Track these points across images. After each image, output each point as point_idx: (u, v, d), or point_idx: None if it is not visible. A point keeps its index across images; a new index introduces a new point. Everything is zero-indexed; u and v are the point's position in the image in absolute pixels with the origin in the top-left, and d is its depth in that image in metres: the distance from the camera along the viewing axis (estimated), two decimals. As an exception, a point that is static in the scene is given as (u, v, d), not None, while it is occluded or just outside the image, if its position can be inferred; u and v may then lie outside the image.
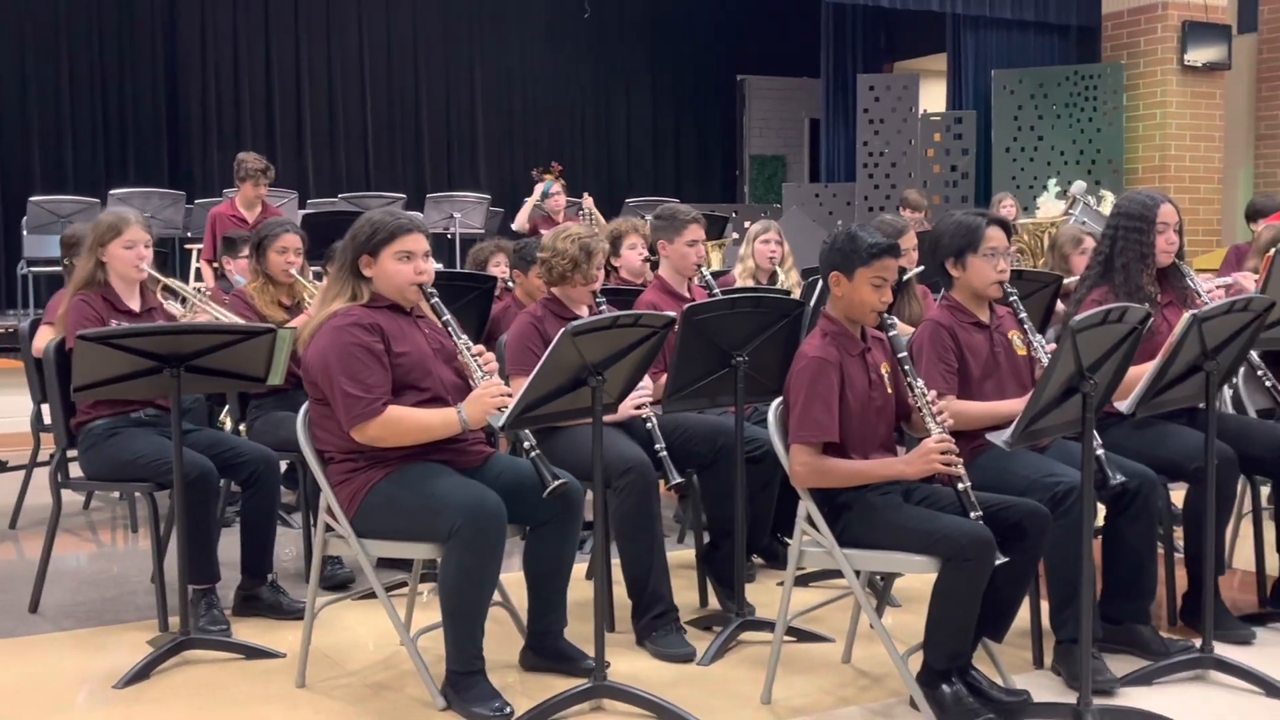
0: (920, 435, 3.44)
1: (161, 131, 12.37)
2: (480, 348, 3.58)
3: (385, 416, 3.37)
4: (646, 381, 4.01)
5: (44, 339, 4.52)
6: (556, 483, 3.40)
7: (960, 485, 3.27)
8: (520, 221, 9.65)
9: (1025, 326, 3.81)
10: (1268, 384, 4.18)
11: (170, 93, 12.46)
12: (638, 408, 4.06)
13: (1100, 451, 3.56)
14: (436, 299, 3.55)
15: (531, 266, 5.15)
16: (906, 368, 3.39)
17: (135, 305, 4.40)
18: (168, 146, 12.40)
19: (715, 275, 5.50)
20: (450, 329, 3.54)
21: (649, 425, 4.08)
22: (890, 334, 3.42)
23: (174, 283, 4.92)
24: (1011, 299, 3.78)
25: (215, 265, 7.27)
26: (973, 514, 3.24)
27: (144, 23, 12.25)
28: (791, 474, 3.41)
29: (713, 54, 15.03)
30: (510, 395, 3.35)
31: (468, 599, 3.37)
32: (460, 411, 3.41)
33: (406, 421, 3.41)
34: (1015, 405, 3.36)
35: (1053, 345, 3.31)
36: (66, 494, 4.41)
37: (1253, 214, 7.69)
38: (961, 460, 3.29)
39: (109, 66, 12.14)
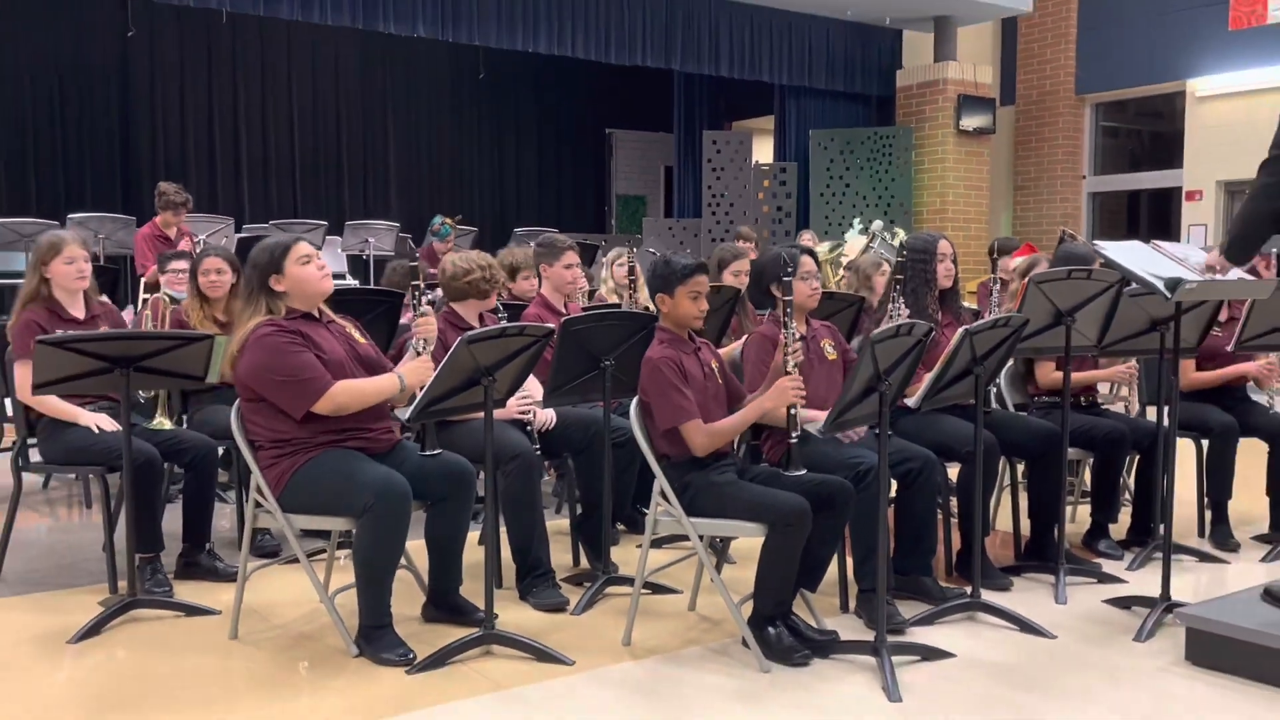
0: (777, 421, 3.47)
1: (115, 162, 11.89)
2: (426, 314, 3.54)
3: (336, 388, 3.29)
4: (532, 387, 3.98)
5: (23, 377, 3.94)
6: (431, 452, 3.46)
7: (794, 435, 3.34)
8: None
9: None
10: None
11: (124, 128, 11.98)
12: (523, 411, 4.04)
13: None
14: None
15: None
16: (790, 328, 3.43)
17: (80, 313, 4.19)
18: (121, 176, 11.92)
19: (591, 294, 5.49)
20: (416, 291, 3.55)
21: (529, 429, 4.06)
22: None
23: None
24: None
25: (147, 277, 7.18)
26: (794, 472, 3.30)
27: (100, 66, 11.74)
28: (693, 449, 3.35)
29: (586, 111, 15.02)
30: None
31: (378, 564, 3.29)
32: (401, 377, 3.39)
33: (358, 389, 3.35)
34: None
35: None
36: (27, 475, 4.18)
37: (993, 252, 7.94)
38: (805, 393, 3.34)
39: (69, 104, 11.61)
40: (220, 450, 4.31)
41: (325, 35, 12.24)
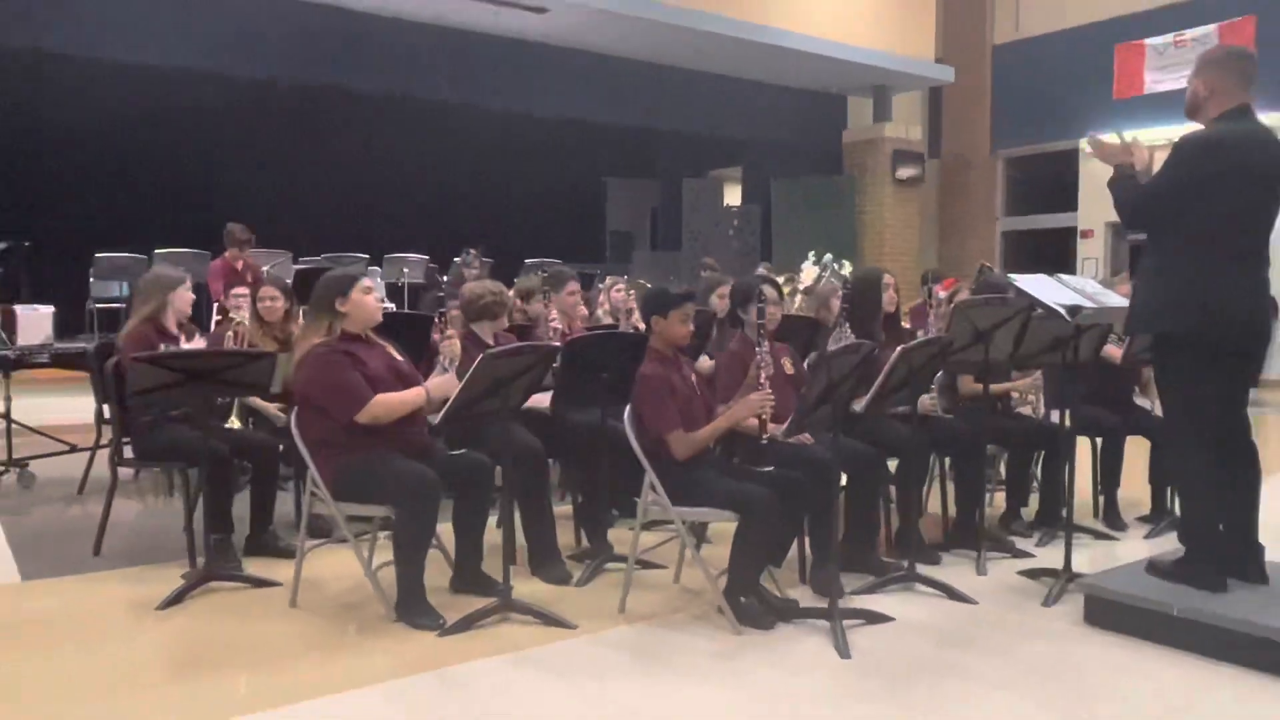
0: (747, 428, 3.45)
1: (196, 204, 11.86)
2: (451, 340, 3.54)
3: (375, 400, 3.29)
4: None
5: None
6: (458, 451, 3.50)
7: (764, 438, 3.33)
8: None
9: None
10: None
11: (205, 175, 11.96)
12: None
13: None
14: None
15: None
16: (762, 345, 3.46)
17: (174, 330, 4.21)
18: (200, 215, 11.89)
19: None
20: (441, 316, 3.63)
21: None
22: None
23: None
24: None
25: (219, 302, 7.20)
26: (762, 468, 3.30)
27: (181, 124, 11.72)
28: (674, 454, 3.33)
29: (586, 162, 15.00)
30: None
31: (413, 544, 3.28)
32: (428, 390, 3.38)
33: (389, 401, 3.34)
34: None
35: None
36: (121, 469, 4.17)
37: (925, 280, 7.97)
38: (772, 403, 3.33)
39: (157, 153, 11.60)
40: (280, 447, 4.29)
41: (363, 101, 12.24)
